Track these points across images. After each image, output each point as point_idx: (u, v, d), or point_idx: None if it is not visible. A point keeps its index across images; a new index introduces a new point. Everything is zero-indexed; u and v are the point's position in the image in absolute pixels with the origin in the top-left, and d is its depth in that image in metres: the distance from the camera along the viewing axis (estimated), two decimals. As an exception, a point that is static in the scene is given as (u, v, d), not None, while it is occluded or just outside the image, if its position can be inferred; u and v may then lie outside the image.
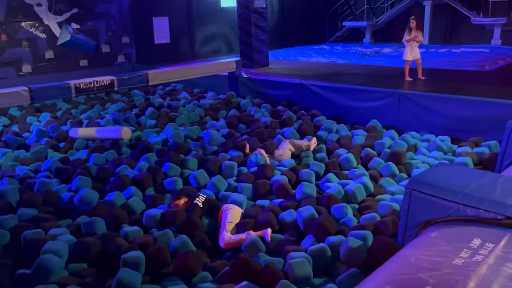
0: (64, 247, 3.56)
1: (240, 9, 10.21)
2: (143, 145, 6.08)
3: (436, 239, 2.35)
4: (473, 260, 2.02)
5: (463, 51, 12.14)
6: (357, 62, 11.08)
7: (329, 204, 4.33)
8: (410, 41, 7.63)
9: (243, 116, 7.63)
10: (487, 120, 6.07)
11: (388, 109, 7.05)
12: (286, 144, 5.93)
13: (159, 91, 10.16)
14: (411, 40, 7.63)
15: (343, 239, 3.58)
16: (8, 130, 7.20)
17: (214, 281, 3.35)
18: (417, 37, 7.63)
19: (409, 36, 7.63)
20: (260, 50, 10.34)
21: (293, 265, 3.23)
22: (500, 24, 13.26)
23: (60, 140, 6.72)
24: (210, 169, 5.31)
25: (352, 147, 5.96)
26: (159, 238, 3.87)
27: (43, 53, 10.52)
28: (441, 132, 6.41)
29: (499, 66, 9.48)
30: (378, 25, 16.13)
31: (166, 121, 7.60)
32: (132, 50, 12.21)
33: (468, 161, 5.23)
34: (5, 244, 3.85)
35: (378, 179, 5.10)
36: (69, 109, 8.59)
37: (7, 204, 4.49)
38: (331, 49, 14.53)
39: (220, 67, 9.43)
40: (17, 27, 10.03)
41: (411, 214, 2.87)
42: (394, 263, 2.16)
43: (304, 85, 8.21)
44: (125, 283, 3.12)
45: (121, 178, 4.91)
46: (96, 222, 4.04)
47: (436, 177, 2.84)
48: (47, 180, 5.00)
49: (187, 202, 4.38)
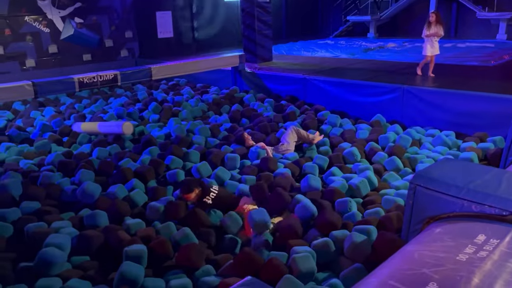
0: (66, 240, 3.56)
1: (244, 3, 10.16)
2: (146, 139, 6.08)
3: (441, 234, 2.33)
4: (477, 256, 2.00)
5: (468, 46, 12.05)
6: (361, 57, 11.02)
7: (333, 198, 4.31)
8: (431, 36, 7.38)
9: (246, 110, 7.62)
10: (492, 115, 6.02)
11: (392, 104, 7.01)
12: (291, 133, 5.83)
13: (163, 85, 10.15)
14: (432, 35, 7.37)
15: (347, 233, 3.57)
16: (12, 125, 7.22)
17: (217, 274, 3.35)
18: (437, 32, 7.35)
19: (428, 31, 7.38)
20: (263, 44, 10.29)
21: (297, 260, 3.22)
22: (506, 19, 13.14)
23: (64, 134, 6.74)
24: (213, 162, 5.30)
25: (356, 141, 5.94)
26: (161, 231, 3.87)
27: (46, 47, 10.52)
28: (446, 127, 6.37)
29: (505, 61, 9.40)
30: (382, 20, 16.02)
31: (169, 115, 7.60)
32: (135, 44, 12.20)
33: (473, 156, 5.19)
34: (8, 237, 3.86)
35: (382, 173, 5.08)
36: (72, 104, 8.60)
37: (10, 197, 4.50)
38: (335, 43, 14.45)
39: (223, 61, 9.39)
40: (21, 22, 10.03)
41: (415, 210, 2.86)
42: (398, 258, 2.15)
43: (307, 80, 8.17)
44: (127, 276, 3.12)
45: (123, 171, 4.92)
46: (98, 215, 4.05)
47: (440, 173, 2.81)
48: (50, 174, 5.01)
49: (199, 195, 4.24)
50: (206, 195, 4.24)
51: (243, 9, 10.23)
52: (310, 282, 3.21)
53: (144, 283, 3.17)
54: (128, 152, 5.79)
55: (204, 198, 4.21)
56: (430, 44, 7.47)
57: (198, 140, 6.18)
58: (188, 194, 4.23)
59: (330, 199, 4.32)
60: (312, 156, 5.57)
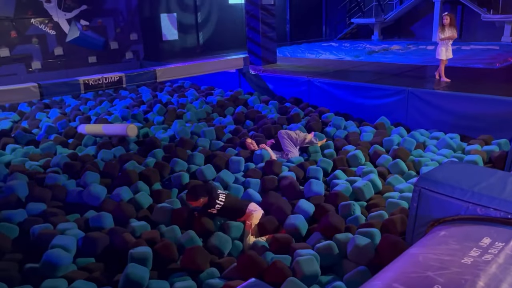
0: (72, 242, 3.58)
1: (248, 6, 10.19)
2: (150, 141, 6.11)
3: (445, 237, 2.33)
4: (482, 259, 2.00)
5: (472, 49, 12.01)
6: (365, 59, 11.01)
7: (337, 202, 4.31)
8: (446, 39, 7.16)
9: (250, 112, 7.63)
10: (497, 118, 6.00)
11: (397, 107, 7.00)
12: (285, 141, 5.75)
13: (167, 87, 10.19)
14: (448, 39, 7.16)
15: (351, 236, 3.57)
16: (18, 126, 7.27)
17: (221, 277, 3.36)
18: (453, 35, 7.15)
19: (443, 34, 7.14)
20: (267, 47, 10.31)
21: (301, 263, 3.22)
22: (511, 21, 13.09)
23: (69, 136, 6.78)
24: (217, 164, 5.31)
25: (360, 144, 5.93)
26: (166, 234, 3.88)
27: (52, 49, 10.58)
28: (450, 130, 6.35)
29: (509, 63, 9.36)
30: (386, 22, 16.00)
31: (174, 117, 7.62)
32: (140, 47, 12.25)
33: (477, 159, 5.17)
34: (14, 238, 3.89)
35: (387, 176, 5.07)
36: (77, 106, 8.65)
37: (16, 199, 4.53)
38: (339, 46, 14.45)
39: (227, 64, 9.41)
40: (27, 24, 10.10)
41: (420, 212, 2.86)
42: (402, 261, 2.15)
43: (312, 82, 8.18)
44: (133, 278, 3.14)
45: (128, 173, 4.94)
46: (104, 217, 4.07)
47: (445, 175, 2.81)
48: (56, 175, 5.04)
49: (205, 203, 4.05)
50: (212, 205, 4.02)
51: (248, 12, 10.26)
52: (314, 284, 3.21)
53: (149, 285, 3.19)
54: (132, 155, 5.81)
55: (209, 209, 4.04)
56: (445, 47, 7.23)
57: (203, 143, 6.20)
58: (194, 201, 4.07)
59: (334, 203, 4.32)
60: (316, 159, 5.57)
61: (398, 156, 5.39)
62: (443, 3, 14.37)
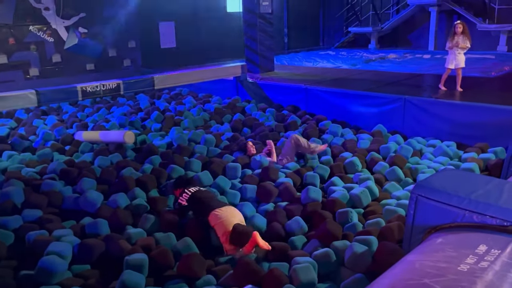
0: (67, 249, 3.57)
1: (246, 14, 10.25)
2: (147, 148, 6.10)
3: (442, 245, 2.33)
4: (479, 266, 2.00)
5: (468, 58, 12.07)
6: (362, 68, 11.07)
7: (334, 209, 4.31)
8: (453, 47, 6.96)
9: (248, 120, 7.65)
10: (493, 126, 6.03)
11: (394, 115, 7.04)
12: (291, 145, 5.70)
13: (165, 95, 10.20)
14: (454, 47, 6.95)
15: (348, 244, 3.56)
16: (14, 133, 7.25)
17: (218, 284, 3.34)
18: (459, 43, 6.89)
19: (450, 42, 6.98)
20: (265, 55, 10.36)
21: (297, 270, 3.21)
22: (506, 31, 13.21)
23: (66, 143, 6.76)
24: (214, 171, 5.31)
25: (357, 151, 5.95)
26: (161, 241, 3.86)
27: (50, 56, 10.59)
28: (447, 138, 6.38)
29: (505, 72, 9.44)
30: (383, 31, 16.13)
31: (171, 124, 7.62)
32: (138, 54, 12.27)
33: (474, 167, 5.19)
34: (10, 245, 3.86)
35: (384, 184, 5.08)
36: (75, 113, 8.64)
37: (12, 205, 4.51)
38: (337, 54, 14.53)
39: (225, 71, 9.44)
40: (25, 31, 10.12)
41: (416, 220, 2.86)
42: (399, 268, 2.15)
43: (309, 90, 8.21)
44: (128, 285, 3.12)
45: (125, 180, 4.93)
46: (100, 224, 4.05)
47: (442, 183, 2.82)
48: (52, 182, 5.02)
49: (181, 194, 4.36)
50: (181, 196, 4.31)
51: (245, 20, 10.32)
52: (311, 292, 3.20)
53: (145, 292, 3.17)
54: (130, 161, 5.80)
55: (179, 200, 4.30)
56: (453, 56, 7.03)
57: (200, 150, 6.20)
58: (174, 191, 4.54)
59: (331, 210, 4.32)
60: (313, 166, 5.58)
61: (395, 164, 5.41)
62: (439, 12, 14.50)
